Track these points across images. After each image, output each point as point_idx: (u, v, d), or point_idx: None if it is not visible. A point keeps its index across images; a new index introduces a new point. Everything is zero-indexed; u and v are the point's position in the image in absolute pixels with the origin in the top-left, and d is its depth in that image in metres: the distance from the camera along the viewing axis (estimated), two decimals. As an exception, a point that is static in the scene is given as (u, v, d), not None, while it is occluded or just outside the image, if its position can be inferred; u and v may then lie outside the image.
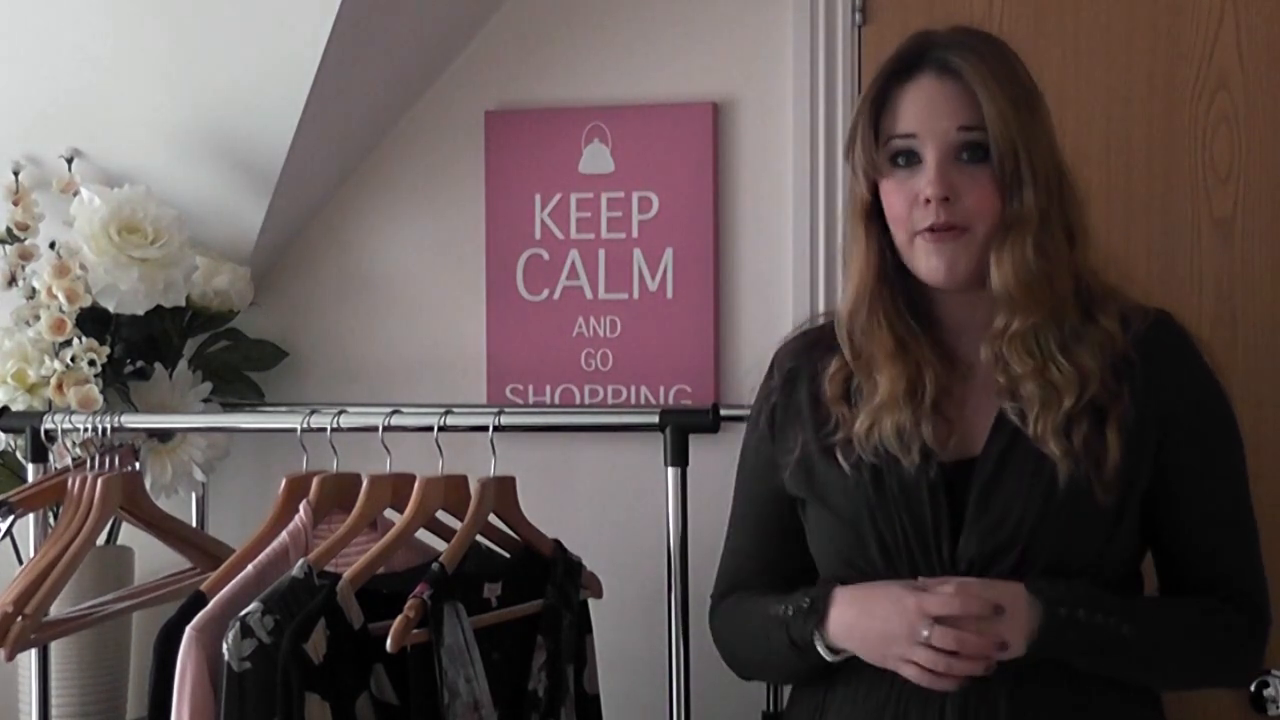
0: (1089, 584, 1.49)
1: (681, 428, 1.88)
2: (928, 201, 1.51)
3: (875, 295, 1.58)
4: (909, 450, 1.53)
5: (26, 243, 2.23)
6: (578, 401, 2.34)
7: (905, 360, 1.56)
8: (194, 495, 2.35)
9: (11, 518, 1.96)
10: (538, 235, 2.35)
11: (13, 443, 2.19)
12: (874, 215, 1.58)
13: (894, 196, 1.55)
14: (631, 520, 2.24)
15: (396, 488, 1.83)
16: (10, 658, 1.82)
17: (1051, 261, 1.52)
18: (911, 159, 1.54)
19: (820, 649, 1.55)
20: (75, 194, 2.20)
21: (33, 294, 2.18)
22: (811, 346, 1.68)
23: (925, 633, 1.45)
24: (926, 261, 1.54)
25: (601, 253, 2.32)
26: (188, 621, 1.68)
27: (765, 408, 1.70)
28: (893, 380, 1.55)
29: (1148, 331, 1.55)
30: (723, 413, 1.96)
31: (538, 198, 2.34)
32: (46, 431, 2.05)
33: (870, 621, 1.50)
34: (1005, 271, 1.51)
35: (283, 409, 2.37)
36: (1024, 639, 1.46)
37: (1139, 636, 1.48)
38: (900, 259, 1.58)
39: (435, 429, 1.88)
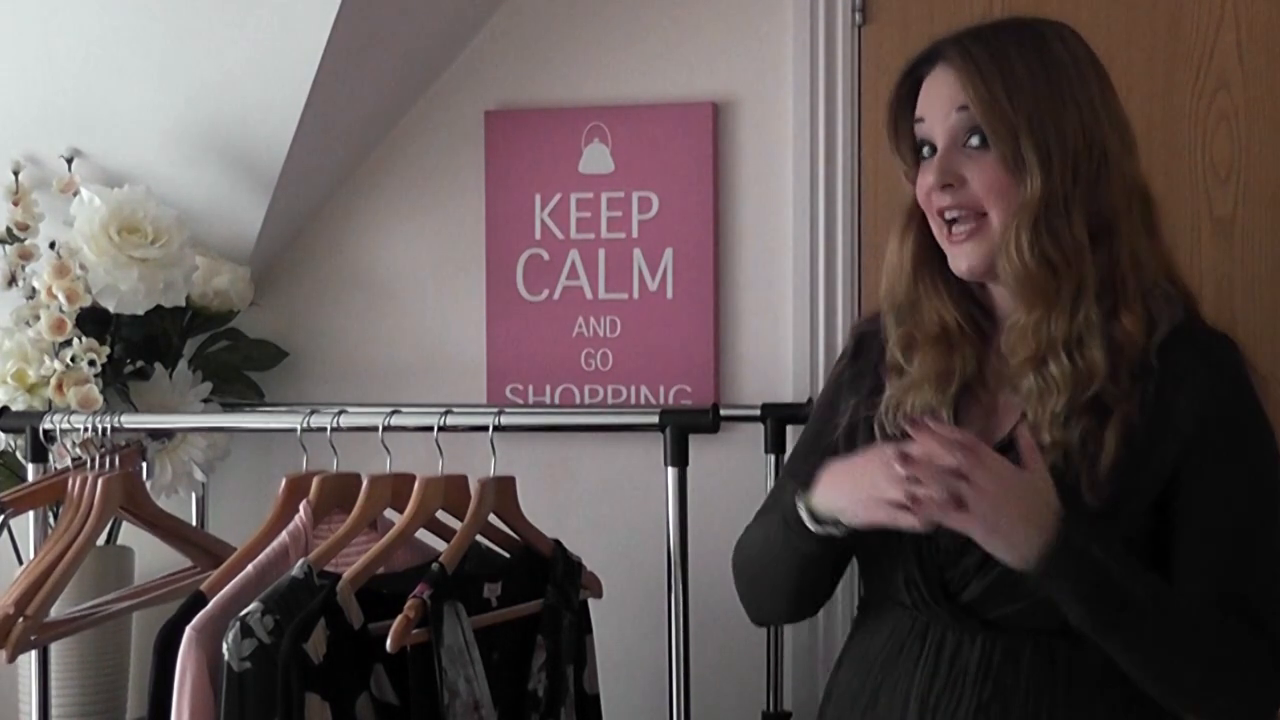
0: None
1: (681, 428, 1.88)
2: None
3: (915, 282, 1.59)
4: None
5: (26, 243, 2.23)
6: (578, 401, 2.34)
7: (943, 346, 1.57)
8: (194, 495, 2.36)
9: (1, 518, 1.96)
10: (538, 235, 2.35)
11: (13, 443, 2.19)
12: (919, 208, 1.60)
13: (918, 187, 1.57)
14: (631, 520, 2.24)
15: (396, 488, 1.83)
16: (11, 659, 1.82)
17: (1059, 249, 1.48)
18: (933, 150, 1.54)
19: (804, 515, 1.52)
20: (75, 194, 2.21)
21: (33, 294, 2.18)
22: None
23: (896, 465, 1.40)
24: (952, 260, 1.55)
25: (601, 253, 2.32)
26: (188, 621, 1.68)
27: (834, 378, 1.71)
28: (926, 364, 1.57)
29: (1173, 338, 1.49)
30: (723, 413, 1.96)
31: (538, 198, 2.34)
32: (46, 431, 2.05)
33: (851, 472, 1.49)
34: (1005, 260, 1.50)
35: (283, 409, 2.36)
36: (1025, 542, 1.40)
37: (1145, 603, 1.42)
38: None
39: (435, 429, 1.88)
